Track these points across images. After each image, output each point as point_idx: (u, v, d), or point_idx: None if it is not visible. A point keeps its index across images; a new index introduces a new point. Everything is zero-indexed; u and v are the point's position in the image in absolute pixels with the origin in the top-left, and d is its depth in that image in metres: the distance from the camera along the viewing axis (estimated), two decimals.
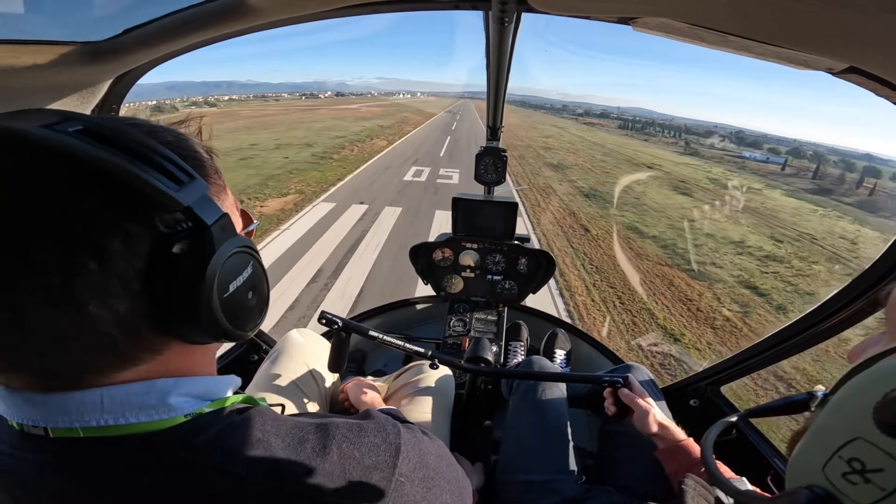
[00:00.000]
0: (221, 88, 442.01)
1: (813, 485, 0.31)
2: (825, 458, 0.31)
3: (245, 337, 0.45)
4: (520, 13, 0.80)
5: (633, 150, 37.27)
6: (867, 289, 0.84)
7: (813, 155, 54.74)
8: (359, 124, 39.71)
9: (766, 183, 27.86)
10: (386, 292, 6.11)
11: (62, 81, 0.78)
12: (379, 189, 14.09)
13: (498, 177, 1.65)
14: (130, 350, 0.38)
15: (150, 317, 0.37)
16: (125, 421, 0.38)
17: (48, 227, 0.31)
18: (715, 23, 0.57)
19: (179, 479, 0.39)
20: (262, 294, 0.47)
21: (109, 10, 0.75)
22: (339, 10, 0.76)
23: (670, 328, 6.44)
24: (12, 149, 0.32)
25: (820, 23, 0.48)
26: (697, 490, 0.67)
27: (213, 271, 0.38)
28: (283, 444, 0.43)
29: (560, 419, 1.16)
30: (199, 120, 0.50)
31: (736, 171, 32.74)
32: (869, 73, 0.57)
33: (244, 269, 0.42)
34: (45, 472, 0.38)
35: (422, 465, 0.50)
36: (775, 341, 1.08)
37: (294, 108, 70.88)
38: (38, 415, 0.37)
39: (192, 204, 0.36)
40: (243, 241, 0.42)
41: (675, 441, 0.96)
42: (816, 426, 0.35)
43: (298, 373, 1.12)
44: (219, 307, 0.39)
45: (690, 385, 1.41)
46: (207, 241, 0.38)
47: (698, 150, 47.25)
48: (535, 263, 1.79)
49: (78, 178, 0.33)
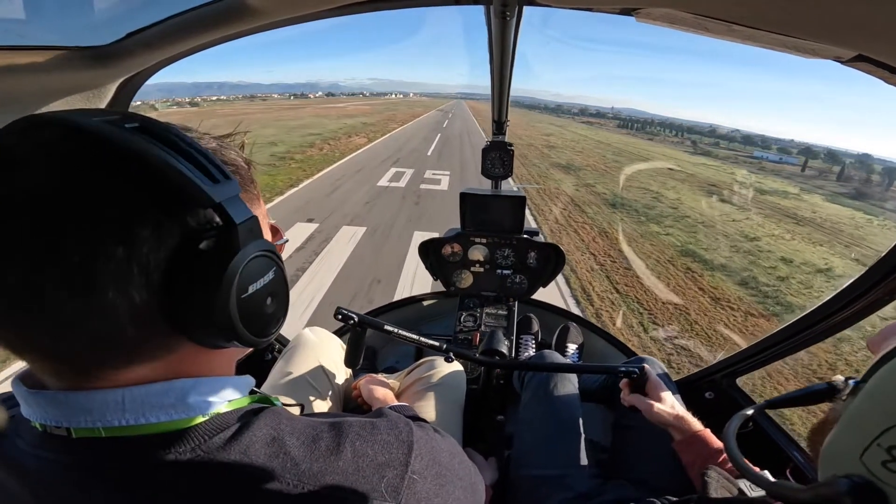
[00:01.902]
0: (212, 89, 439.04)
1: (851, 474, 0.31)
2: (862, 446, 0.31)
3: (259, 344, 0.44)
4: (521, 7, 0.81)
5: (642, 149, 33.94)
6: (883, 276, 0.83)
7: (827, 155, 52.06)
8: (340, 122, 36.31)
9: (799, 186, 24.64)
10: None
11: (67, 86, 0.79)
12: (341, 198, 10.50)
13: (505, 171, 1.65)
14: (140, 344, 0.38)
15: (164, 311, 0.36)
16: (145, 420, 0.39)
17: (83, 209, 0.32)
18: (720, 12, 0.57)
19: (198, 478, 0.39)
20: (282, 302, 0.46)
21: (112, 14, 0.76)
22: (341, 9, 0.76)
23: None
24: (74, 136, 0.33)
25: (828, 11, 0.47)
26: (720, 482, 0.65)
27: (234, 269, 0.38)
28: (297, 442, 0.43)
29: (573, 413, 1.15)
30: (243, 134, 0.52)
31: (758, 173, 29.54)
32: (878, 62, 0.56)
33: (266, 273, 0.42)
34: (68, 472, 0.39)
35: (434, 462, 0.51)
36: (792, 332, 1.07)
37: (278, 107, 67.43)
38: (61, 415, 0.38)
39: (224, 201, 0.37)
40: (269, 246, 0.42)
41: (693, 431, 0.94)
42: (850, 415, 0.34)
43: (312, 371, 1.15)
44: (235, 307, 0.38)
45: (705, 377, 1.40)
46: (233, 239, 0.38)
47: (709, 150, 44.47)
48: (544, 257, 1.77)
49: (117, 165, 0.34)
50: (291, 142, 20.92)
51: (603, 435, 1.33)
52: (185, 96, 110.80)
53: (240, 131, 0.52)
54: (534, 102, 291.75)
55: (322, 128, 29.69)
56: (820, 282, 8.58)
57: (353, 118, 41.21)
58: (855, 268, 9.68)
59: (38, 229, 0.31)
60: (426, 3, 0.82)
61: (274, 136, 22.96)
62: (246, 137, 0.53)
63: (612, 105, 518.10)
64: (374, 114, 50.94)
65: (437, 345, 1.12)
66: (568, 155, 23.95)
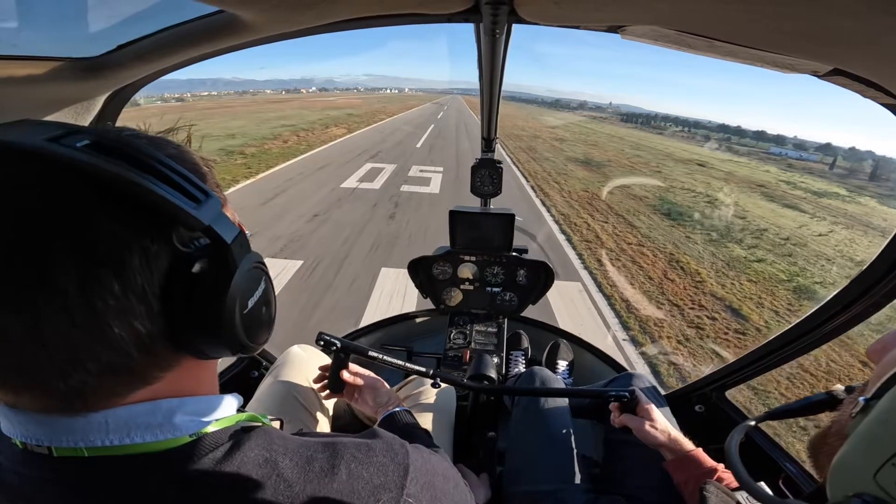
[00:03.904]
0: (206, 86, 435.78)
1: (863, 493, 0.31)
2: (876, 466, 0.30)
3: (257, 350, 0.44)
4: (510, 24, 0.82)
5: (658, 143, 30.56)
6: (868, 288, 0.83)
7: (849, 152, 48.97)
8: (323, 113, 32.92)
9: (845, 187, 21.44)
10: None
11: (57, 97, 0.79)
12: (282, 208, 7.20)
13: (494, 188, 1.61)
14: (146, 369, 0.37)
15: (168, 335, 0.36)
16: (130, 441, 0.38)
17: (65, 248, 0.31)
18: (702, 28, 0.58)
19: (187, 500, 0.38)
20: (273, 308, 0.47)
21: (104, 26, 0.76)
22: (333, 25, 0.77)
23: None
24: (19, 163, 0.31)
25: (804, 26, 0.48)
26: (719, 497, 0.66)
27: (235, 289, 0.38)
28: (290, 463, 0.42)
29: (564, 429, 1.14)
30: (188, 129, 0.49)
31: (789, 171, 26.37)
32: (854, 75, 0.57)
33: (259, 284, 0.43)
34: (47, 489, 0.38)
35: (429, 485, 0.50)
36: (779, 344, 1.07)
37: (264, 101, 63.45)
38: (42, 434, 0.37)
39: (212, 222, 0.36)
40: (257, 258, 0.42)
41: (684, 452, 0.93)
42: (862, 433, 0.34)
43: (301, 388, 1.11)
44: (240, 324, 0.39)
45: (695, 391, 1.37)
46: (230, 260, 0.37)
47: (730, 147, 41.23)
48: (533, 274, 1.73)
49: (92, 196, 0.32)
50: (255, 134, 17.50)
51: (594, 450, 1.33)
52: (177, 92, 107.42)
53: (181, 126, 0.48)
54: (530, 98, 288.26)
55: (300, 119, 26.27)
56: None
57: (339, 110, 37.84)
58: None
59: (29, 275, 0.30)
60: (416, 21, 0.83)
61: (240, 128, 19.57)
62: (191, 131, 0.48)
63: (609, 101, 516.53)
64: (364, 106, 47.77)
65: (423, 370, 1.11)
66: (582, 148, 20.65)
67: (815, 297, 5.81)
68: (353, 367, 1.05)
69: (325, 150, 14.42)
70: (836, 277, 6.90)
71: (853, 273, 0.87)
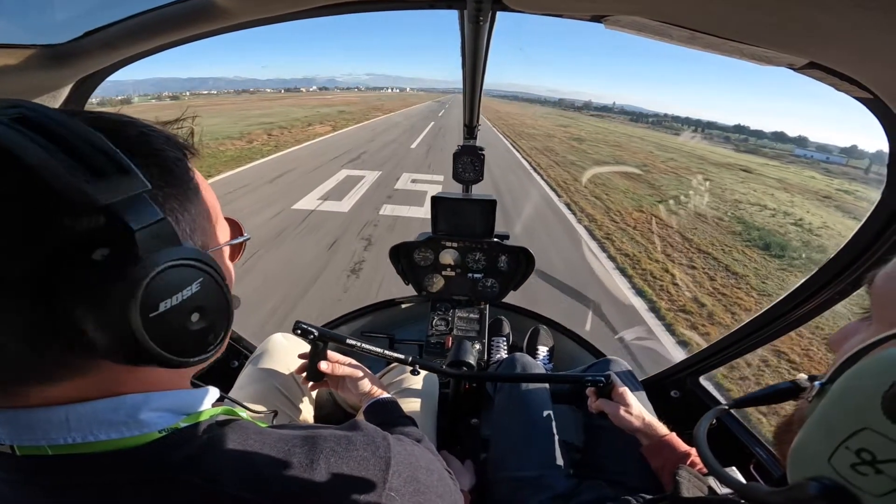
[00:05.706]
0: (207, 84, 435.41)
1: (820, 476, 0.31)
2: (830, 449, 0.31)
3: (188, 364, 0.37)
4: (494, 12, 0.81)
5: (681, 145, 27.73)
6: (835, 276, 0.86)
7: (876, 154, 46.08)
8: (313, 110, 30.19)
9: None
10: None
11: (22, 85, 0.77)
12: None
13: (476, 175, 1.62)
14: (46, 365, 0.34)
15: (58, 334, 0.32)
16: (94, 438, 0.36)
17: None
18: (683, 20, 0.58)
19: (158, 498, 0.37)
20: (216, 318, 0.38)
21: (71, 13, 0.74)
22: (311, 11, 0.75)
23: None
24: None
25: (782, 19, 0.49)
26: (692, 481, 0.68)
27: (133, 285, 0.31)
28: (268, 458, 0.41)
29: (545, 415, 1.14)
30: (192, 120, 0.45)
31: (829, 176, 23.57)
32: (828, 69, 0.57)
33: (187, 285, 0.35)
34: (14, 489, 0.37)
35: (412, 478, 0.49)
36: (750, 329, 1.10)
37: (258, 99, 60.89)
38: (4, 433, 0.36)
39: (114, 202, 0.31)
40: (192, 254, 0.35)
41: (659, 437, 0.94)
42: (817, 417, 0.34)
43: (283, 377, 1.08)
44: (141, 328, 0.33)
45: (670, 376, 1.39)
46: (130, 248, 0.31)
47: (756, 149, 38.40)
48: (515, 261, 1.72)
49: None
50: (220, 132, 14.79)
51: (576, 435, 1.33)
52: (177, 91, 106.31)
53: (186, 117, 0.45)
54: (532, 97, 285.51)
55: (284, 116, 23.63)
56: None
57: (332, 107, 35.19)
58: None
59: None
60: (399, 7, 0.82)
61: (211, 126, 16.88)
62: (195, 123, 0.45)
63: (613, 101, 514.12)
64: (361, 104, 45.17)
65: (402, 357, 1.10)
66: (606, 150, 17.89)
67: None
68: (332, 356, 1.00)
69: (296, 151, 11.75)
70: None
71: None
